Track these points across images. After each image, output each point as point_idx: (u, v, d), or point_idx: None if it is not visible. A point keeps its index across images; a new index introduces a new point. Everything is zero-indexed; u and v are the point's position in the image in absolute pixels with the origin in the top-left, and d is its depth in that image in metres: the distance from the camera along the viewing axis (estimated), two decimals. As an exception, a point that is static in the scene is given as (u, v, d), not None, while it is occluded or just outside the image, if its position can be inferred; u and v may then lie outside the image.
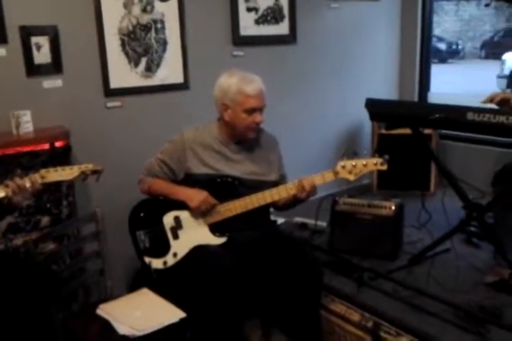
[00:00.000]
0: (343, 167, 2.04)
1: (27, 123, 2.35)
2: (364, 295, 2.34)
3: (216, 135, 2.19)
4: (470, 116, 2.09)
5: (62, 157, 2.32)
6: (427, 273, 2.42)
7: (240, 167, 2.18)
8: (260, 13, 3.12)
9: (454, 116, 2.15)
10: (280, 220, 3.07)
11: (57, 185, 2.31)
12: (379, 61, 3.87)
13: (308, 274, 2.06)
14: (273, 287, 2.12)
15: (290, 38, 3.30)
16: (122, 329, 1.90)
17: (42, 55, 2.41)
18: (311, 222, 3.00)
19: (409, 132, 2.48)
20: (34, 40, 2.37)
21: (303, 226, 3.10)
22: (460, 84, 9.80)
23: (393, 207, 2.66)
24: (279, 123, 3.28)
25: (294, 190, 2.07)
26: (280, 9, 3.20)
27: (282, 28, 3.24)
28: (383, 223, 2.65)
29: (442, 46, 15.37)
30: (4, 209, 1.74)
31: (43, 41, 2.39)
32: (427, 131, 3.36)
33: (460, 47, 16.06)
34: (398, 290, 2.33)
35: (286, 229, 3.05)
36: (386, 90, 3.92)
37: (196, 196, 2.08)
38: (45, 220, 2.33)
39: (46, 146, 2.29)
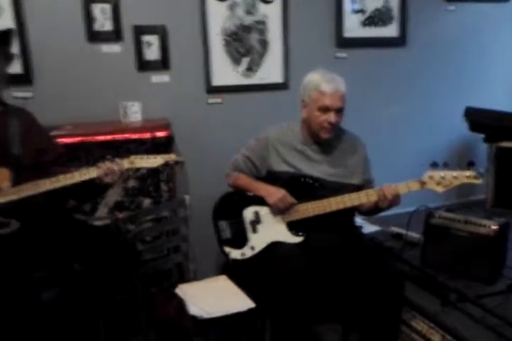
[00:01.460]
0: (431, 177, 1.94)
1: (135, 113, 2.57)
2: (448, 316, 2.17)
3: (298, 134, 2.21)
4: None
5: (164, 146, 2.49)
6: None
7: (321, 167, 2.17)
8: (367, 14, 3.08)
9: None
10: (374, 228, 2.98)
11: (158, 171, 2.50)
12: (499, 69, 3.59)
13: (388, 286, 1.97)
14: (351, 294, 2.07)
15: (399, 41, 3.20)
16: (193, 309, 2.00)
17: (152, 52, 2.63)
18: (405, 233, 2.87)
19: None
20: (145, 38, 2.60)
21: (397, 236, 2.97)
22: None
23: (494, 227, 2.43)
24: (378, 126, 3.22)
25: (375, 197, 2.00)
26: (389, 11, 3.13)
27: (390, 31, 3.17)
28: (481, 242, 2.42)
29: None
30: (97, 188, 1.93)
31: (153, 39, 2.61)
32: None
33: None
34: (487, 317, 2.13)
35: (379, 237, 2.95)
36: (504, 101, 3.61)
37: (275, 193, 2.11)
38: (146, 202, 2.54)
39: (149, 135, 2.48)
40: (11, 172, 1.84)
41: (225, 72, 2.80)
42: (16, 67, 2.34)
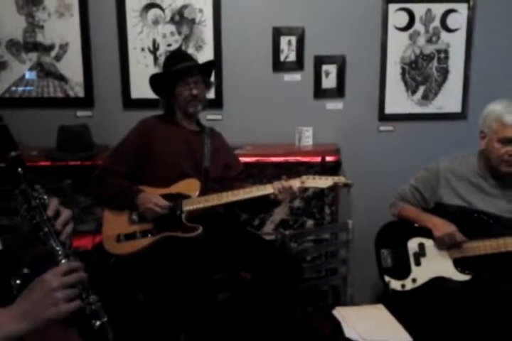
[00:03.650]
0: None
1: (308, 138, 2.72)
2: None
3: (474, 166, 2.12)
4: None
5: (332, 170, 2.58)
6: None
7: (497, 203, 2.05)
8: None
9: None
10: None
11: (323, 194, 2.60)
12: None
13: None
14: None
15: None
16: (350, 333, 2.02)
17: (329, 81, 2.76)
18: None
19: None
20: (324, 67, 2.74)
21: None
22: None
23: None
24: None
25: None
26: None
27: None
28: None
29: None
30: (269, 203, 2.10)
31: (331, 69, 2.75)
32: None
33: None
34: None
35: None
36: None
37: (444, 227, 2.05)
38: (309, 223, 2.66)
39: (318, 159, 2.61)
40: (201, 183, 2.10)
41: (399, 100, 2.81)
42: (210, 93, 2.64)
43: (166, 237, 2.03)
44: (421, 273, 2.12)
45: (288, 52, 2.73)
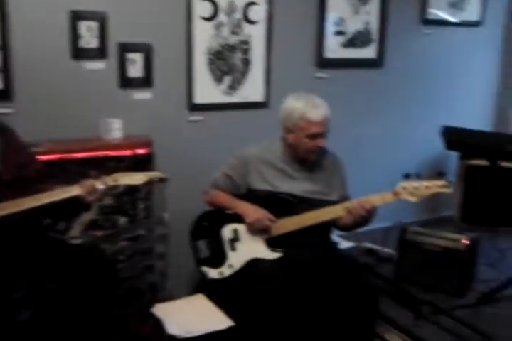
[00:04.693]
0: (404, 188, 1.98)
1: (116, 130, 2.56)
2: (421, 329, 2.27)
3: (279, 153, 2.25)
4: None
5: (144, 164, 2.49)
6: (495, 315, 2.27)
7: (301, 185, 2.21)
8: (348, 36, 3.16)
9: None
10: (349, 244, 3.03)
11: (136, 189, 2.49)
12: (474, 89, 3.72)
13: (362, 301, 2.03)
14: (327, 309, 2.11)
15: (377, 62, 3.29)
16: (172, 329, 2.01)
17: (135, 70, 2.64)
18: (379, 248, 2.94)
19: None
20: (129, 55, 2.61)
21: (370, 252, 3.04)
22: None
23: (466, 241, 2.53)
24: (353, 144, 3.29)
25: (352, 209, 2.03)
26: (368, 33, 3.21)
27: (369, 52, 3.25)
28: (453, 257, 2.54)
29: None
30: (80, 206, 1.91)
31: (137, 57, 2.63)
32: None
33: None
34: (458, 328, 2.21)
35: (353, 253, 3.01)
36: (479, 120, 3.74)
37: (253, 213, 2.14)
38: (122, 220, 2.52)
39: (129, 153, 2.49)
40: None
41: (207, 90, 2.82)
42: (-4, 83, 2.32)
43: None
44: (237, 258, 2.19)
45: (89, 38, 2.52)
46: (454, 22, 3.50)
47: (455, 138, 2.36)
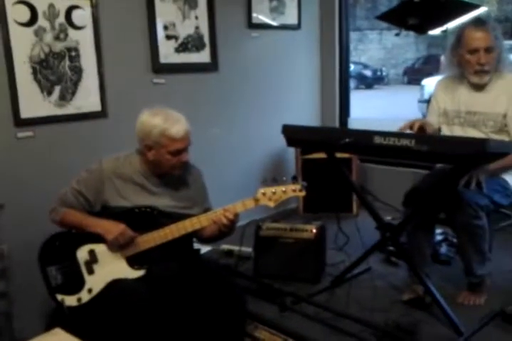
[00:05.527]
0: (264, 194, 2.04)
1: None
2: (288, 320, 2.35)
3: (137, 167, 2.13)
4: (377, 140, 2.14)
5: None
6: (347, 295, 2.47)
7: (161, 200, 2.13)
8: (180, 41, 3.14)
9: (362, 141, 2.20)
10: (206, 248, 3.04)
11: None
12: (301, 88, 3.99)
13: (229, 302, 2.04)
14: (196, 318, 2.07)
15: (211, 66, 3.33)
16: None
17: None
18: (236, 248, 2.99)
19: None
20: None
21: (229, 253, 3.08)
22: (385, 108, 10.27)
23: (314, 230, 2.70)
24: (201, 150, 3.27)
25: (216, 218, 2.03)
26: (201, 37, 3.24)
27: (203, 56, 3.28)
28: (305, 246, 2.69)
29: (368, 73, 16.21)
30: None
31: None
32: (347, 155, 3.48)
33: (384, 73, 17.00)
34: (320, 313, 2.35)
35: (212, 256, 3.02)
36: (309, 116, 4.04)
37: (113, 228, 2.01)
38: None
39: None
40: None
41: (35, 102, 2.57)
42: None
43: None
44: (96, 281, 2.04)
45: None
46: (276, 25, 3.71)
47: (293, 135, 2.49)
